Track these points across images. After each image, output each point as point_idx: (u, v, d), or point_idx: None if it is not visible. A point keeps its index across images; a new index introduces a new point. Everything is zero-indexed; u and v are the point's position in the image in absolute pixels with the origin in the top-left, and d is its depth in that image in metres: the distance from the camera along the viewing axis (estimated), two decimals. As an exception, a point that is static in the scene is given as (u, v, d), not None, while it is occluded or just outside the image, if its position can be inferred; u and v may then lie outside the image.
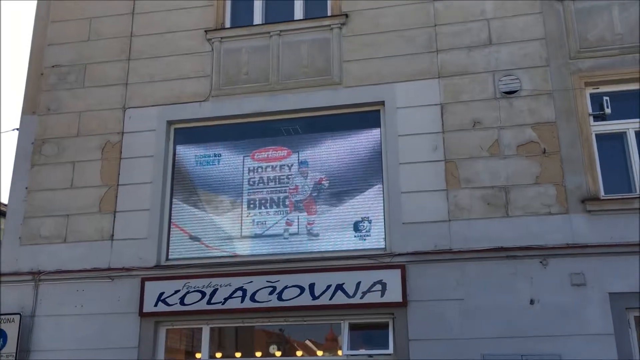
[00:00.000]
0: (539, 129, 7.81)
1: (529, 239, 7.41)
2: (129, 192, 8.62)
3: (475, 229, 7.58)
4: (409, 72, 8.37)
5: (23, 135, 9.25)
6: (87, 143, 8.97)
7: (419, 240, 7.67)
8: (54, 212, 8.73)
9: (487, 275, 7.38)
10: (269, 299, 7.79)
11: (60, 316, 8.23)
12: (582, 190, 7.48)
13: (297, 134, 8.63)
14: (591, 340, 6.93)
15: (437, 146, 7.99)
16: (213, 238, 8.44)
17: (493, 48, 8.24)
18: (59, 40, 9.59)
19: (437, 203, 7.77)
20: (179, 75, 9.04)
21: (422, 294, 7.47)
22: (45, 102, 9.32)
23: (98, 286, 8.26)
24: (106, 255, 8.39)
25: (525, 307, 7.19)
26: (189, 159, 8.85)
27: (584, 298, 7.10)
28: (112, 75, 9.25)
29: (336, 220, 8.15)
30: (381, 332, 7.63)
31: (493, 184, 7.72)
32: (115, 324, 8.06)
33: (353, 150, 8.39)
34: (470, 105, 8.08)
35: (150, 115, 8.92)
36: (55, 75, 9.42)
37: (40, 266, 8.49)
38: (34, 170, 9.01)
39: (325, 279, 7.71)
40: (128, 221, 8.49)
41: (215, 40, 9.07)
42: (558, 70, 7.98)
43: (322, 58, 8.72)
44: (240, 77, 8.89)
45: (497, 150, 7.84)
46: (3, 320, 8.18)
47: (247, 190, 8.53)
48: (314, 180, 8.39)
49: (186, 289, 8.02)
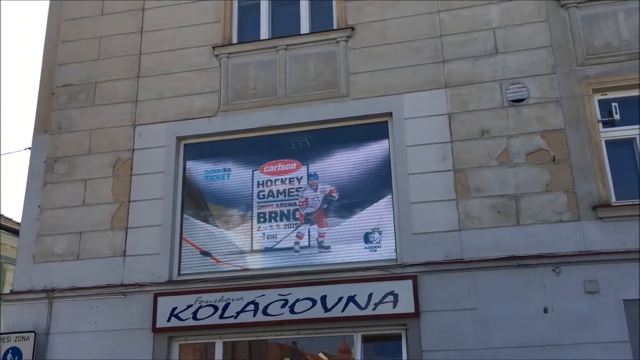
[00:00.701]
0: (547, 136, 7.80)
1: (541, 247, 7.38)
2: (141, 208, 8.68)
3: (486, 238, 7.56)
4: (416, 82, 8.40)
5: (35, 154, 9.36)
6: (98, 160, 9.06)
7: (430, 250, 7.66)
8: (67, 229, 8.81)
9: (500, 285, 7.35)
10: (281, 312, 7.79)
11: (75, 333, 8.28)
12: (593, 197, 7.44)
13: (305, 147, 8.67)
14: (606, 348, 6.86)
15: (446, 156, 8.00)
16: (224, 252, 8.48)
17: (499, 57, 8.26)
18: (70, 59, 9.73)
19: (447, 213, 7.76)
20: (188, 92, 9.12)
21: (435, 304, 7.45)
22: (56, 121, 9.43)
23: (111, 302, 8.31)
24: (119, 272, 8.45)
25: (539, 316, 7.15)
26: (199, 174, 8.91)
27: (598, 305, 7.04)
28: (121, 93, 9.35)
29: (346, 232, 8.16)
30: (394, 343, 7.61)
31: (503, 193, 7.70)
32: (129, 340, 8.09)
33: (362, 161, 8.41)
34: (478, 115, 8.09)
35: (160, 132, 9.00)
36: (66, 94, 9.54)
37: (54, 284, 8.56)
38: (46, 189, 9.10)
39: (337, 291, 7.70)
40: (140, 237, 8.55)
41: (222, 56, 9.16)
42: (565, 78, 7.97)
43: (329, 71, 8.78)
44: (249, 91, 8.96)
45: (506, 159, 7.83)
46: (18, 338, 8.24)
47: (257, 203, 8.57)
48: (324, 192, 8.41)
49: (198, 303, 8.04)
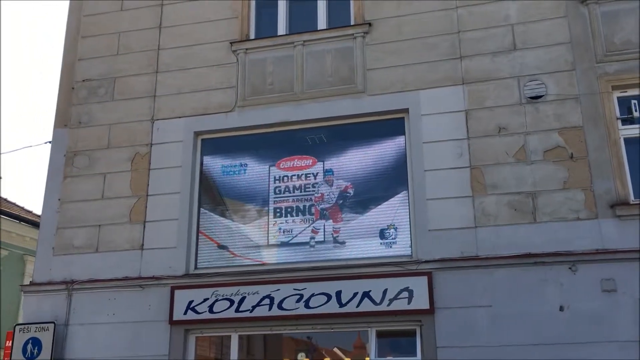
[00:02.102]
0: (565, 133, 7.74)
1: (557, 244, 7.34)
2: (158, 202, 8.78)
3: (502, 235, 7.54)
4: (433, 79, 8.38)
5: (55, 148, 9.50)
6: (117, 155, 9.17)
7: (446, 247, 7.65)
8: (86, 222, 8.93)
9: (516, 282, 7.33)
10: (297, 307, 7.84)
11: (93, 324, 8.41)
12: (611, 194, 7.38)
13: (322, 143, 8.70)
14: (623, 347, 6.82)
15: (463, 153, 7.97)
16: (240, 246, 8.55)
17: (518, 53, 8.20)
18: (89, 55, 9.85)
19: (463, 210, 7.75)
20: (205, 87, 9.19)
21: (450, 301, 7.45)
22: (76, 115, 9.56)
23: (129, 295, 8.42)
24: (137, 265, 8.55)
25: (555, 314, 7.12)
26: (216, 169, 8.98)
27: (615, 304, 7.00)
28: (140, 88, 9.45)
29: (362, 227, 8.18)
30: (409, 339, 7.62)
31: (520, 190, 7.67)
32: (146, 332, 8.21)
33: (378, 158, 8.42)
34: (495, 111, 8.05)
35: (177, 127, 9.08)
36: (86, 89, 9.66)
37: (73, 276, 8.69)
38: (66, 182, 9.24)
39: (352, 286, 7.73)
40: (157, 231, 8.65)
41: (240, 52, 9.21)
42: (584, 74, 7.90)
43: (345, 67, 8.79)
44: (266, 87, 9.00)
45: (523, 156, 7.79)
46: (38, 329, 8.39)
47: (273, 199, 8.62)
48: (339, 188, 8.44)
49: (215, 297, 8.12)
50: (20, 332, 8.47)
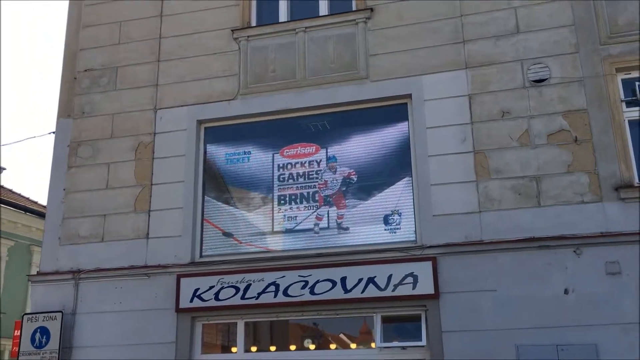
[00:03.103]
0: (569, 117, 7.71)
1: (562, 228, 7.33)
2: (163, 191, 8.80)
3: (506, 219, 7.54)
4: (436, 63, 8.34)
5: (59, 138, 9.52)
6: (120, 144, 9.19)
7: (450, 232, 7.66)
8: (91, 212, 8.98)
9: (520, 266, 7.33)
10: (302, 293, 7.87)
11: (100, 313, 8.48)
12: (615, 177, 7.36)
13: (325, 130, 8.69)
14: (628, 329, 6.83)
15: (466, 137, 7.95)
16: (245, 234, 8.57)
17: (521, 36, 8.15)
18: (91, 44, 9.83)
19: (467, 194, 7.74)
20: (208, 75, 9.17)
21: (454, 285, 7.47)
22: (79, 105, 9.57)
23: (135, 283, 8.48)
24: (142, 253, 8.60)
25: (560, 297, 7.13)
26: (220, 157, 8.99)
27: (620, 287, 7.00)
28: (142, 77, 9.44)
29: (366, 213, 8.19)
30: (414, 324, 7.65)
31: (524, 174, 7.65)
32: (153, 320, 8.27)
33: (381, 144, 8.40)
34: (498, 95, 8.02)
35: (180, 115, 9.08)
36: (88, 78, 9.66)
37: (80, 265, 8.74)
38: (70, 172, 9.26)
39: (357, 272, 7.76)
40: (162, 219, 8.68)
41: (242, 39, 9.18)
42: (588, 57, 7.85)
43: (348, 53, 8.75)
44: (268, 74, 8.98)
45: (527, 140, 7.76)
46: (45, 318, 8.46)
47: (277, 186, 8.63)
48: (343, 174, 8.44)
49: (220, 284, 8.16)
50: (28, 322, 8.55)
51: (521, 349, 7.06)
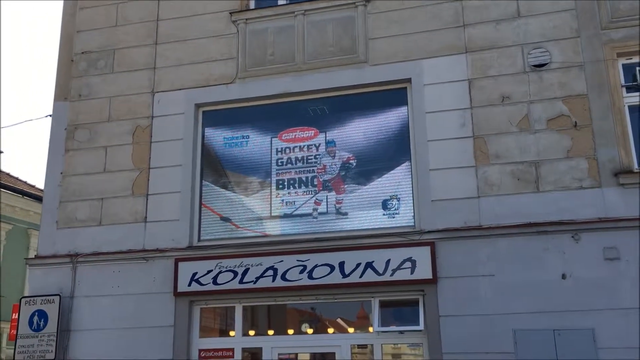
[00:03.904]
0: (569, 102, 7.67)
1: (560, 213, 7.33)
2: (160, 175, 8.77)
3: (505, 204, 7.53)
4: (436, 48, 8.28)
5: (56, 122, 9.46)
6: (118, 128, 9.13)
7: (448, 217, 7.65)
8: (89, 196, 8.94)
9: (518, 251, 7.34)
10: (300, 278, 7.88)
11: (98, 297, 8.48)
12: (614, 163, 7.34)
13: (324, 114, 8.64)
14: (625, 314, 6.85)
15: (465, 122, 7.92)
16: (243, 219, 8.55)
17: (522, 20, 8.08)
18: (88, 26, 9.73)
19: (466, 180, 7.73)
20: (206, 58, 9.10)
21: (452, 270, 7.48)
22: (76, 88, 9.49)
23: (133, 267, 8.47)
24: (140, 237, 8.58)
25: (557, 282, 7.14)
26: (218, 141, 8.95)
27: (618, 272, 7.01)
28: (140, 60, 9.36)
29: (365, 198, 8.17)
30: (412, 308, 7.67)
31: (523, 159, 7.63)
32: (151, 303, 8.27)
33: (380, 128, 8.37)
34: (498, 80, 7.97)
35: (178, 99, 9.02)
36: (85, 61, 9.58)
37: (78, 249, 8.73)
38: (68, 156, 9.22)
39: (355, 257, 7.76)
40: (160, 203, 8.65)
41: (240, 22, 9.09)
42: (589, 42, 7.80)
43: (347, 36, 8.68)
44: (266, 58, 8.91)
45: (526, 125, 7.73)
46: (43, 301, 8.46)
47: (276, 170, 8.60)
48: (342, 159, 8.41)
49: (218, 268, 8.16)
50: (26, 305, 8.56)
51: (518, 333, 7.09)
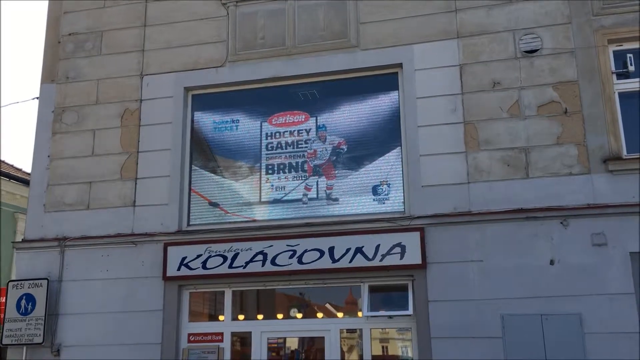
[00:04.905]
0: (560, 88, 7.68)
1: (549, 199, 7.36)
2: (149, 159, 8.70)
3: (495, 190, 7.55)
4: (427, 33, 8.24)
5: (43, 104, 9.34)
6: (106, 111, 9.04)
7: (438, 202, 7.66)
8: (77, 179, 8.86)
9: (507, 237, 7.38)
10: (290, 263, 7.88)
11: (87, 281, 8.44)
12: (604, 150, 7.38)
13: (314, 98, 8.59)
14: (612, 299, 6.92)
15: (456, 108, 7.91)
16: (232, 204, 8.52)
17: (514, 6, 8.06)
18: (75, 7, 9.58)
19: (456, 165, 7.73)
20: (195, 41, 9.00)
21: (442, 256, 7.51)
22: (63, 70, 9.37)
23: (122, 251, 8.43)
24: (129, 221, 8.53)
25: (546, 268, 7.19)
26: (207, 125, 8.88)
27: (605, 258, 7.07)
28: (128, 42, 9.24)
29: (355, 184, 8.16)
30: (401, 293, 7.70)
31: (513, 145, 7.65)
32: (140, 288, 8.25)
33: (371, 113, 8.34)
34: (490, 66, 7.95)
35: (167, 82, 8.93)
36: (72, 43, 9.44)
37: (65, 232, 8.67)
38: (55, 139, 9.12)
39: (345, 242, 7.77)
40: (149, 187, 8.60)
41: (230, 5, 8.99)
42: (580, 28, 7.79)
43: (338, 21, 8.61)
44: (257, 41, 8.83)
45: (517, 111, 7.73)
46: (31, 285, 8.41)
47: (265, 155, 8.56)
48: (333, 144, 8.38)
49: (208, 253, 8.14)
50: (13, 289, 8.50)
51: (506, 318, 7.14)
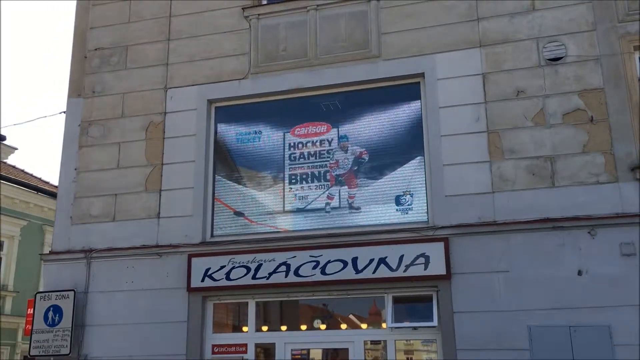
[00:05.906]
0: (585, 96, 7.57)
1: (576, 209, 7.24)
2: (173, 171, 8.79)
3: (520, 200, 7.45)
4: (449, 42, 8.21)
5: (70, 118, 9.51)
6: (131, 124, 9.16)
7: (462, 212, 7.59)
8: (103, 191, 8.98)
9: (533, 247, 7.27)
10: (313, 274, 7.86)
11: (112, 292, 8.52)
12: (631, 158, 7.24)
13: (336, 109, 8.61)
14: (642, 311, 6.77)
15: (480, 117, 7.85)
16: (256, 214, 8.55)
17: (537, 14, 7.99)
18: (101, 23, 9.77)
19: (480, 175, 7.66)
20: (218, 54, 9.10)
21: (466, 266, 7.42)
22: (89, 84, 9.53)
23: (147, 263, 8.50)
24: (154, 233, 8.61)
25: (573, 278, 7.06)
26: (230, 137, 8.94)
27: (635, 268, 6.91)
28: (153, 56, 9.38)
29: (377, 193, 8.13)
30: (425, 304, 7.62)
31: (538, 154, 7.55)
32: (165, 299, 8.30)
33: (393, 123, 8.32)
34: (513, 74, 7.88)
35: (191, 95, 9.03)
36: (98, 57, 9.61)
37: (92, 244, 8.78)
38: (81, 152, 9.26)
39: (368, 252, 7.73)
40: (173, 199, 8.67)
41: (252, 17, 9.07)
42: (605, 35, 7.69)
43: (360, 31, 8.63)
44: (279, 53, 8.89)
45: (542, 120, 7.64)
46: (58, 297, 8.51)
47: (288, 165, 8.58)
48: (354, 154, 8.37)
49: (231, 264, 8.17)
50: (41, 300, 8.61)
51: (533, 329, 7.02)
